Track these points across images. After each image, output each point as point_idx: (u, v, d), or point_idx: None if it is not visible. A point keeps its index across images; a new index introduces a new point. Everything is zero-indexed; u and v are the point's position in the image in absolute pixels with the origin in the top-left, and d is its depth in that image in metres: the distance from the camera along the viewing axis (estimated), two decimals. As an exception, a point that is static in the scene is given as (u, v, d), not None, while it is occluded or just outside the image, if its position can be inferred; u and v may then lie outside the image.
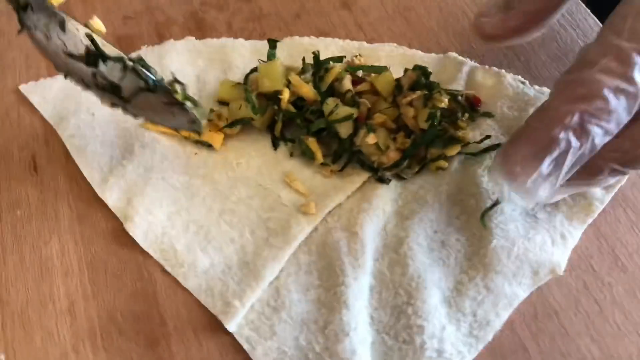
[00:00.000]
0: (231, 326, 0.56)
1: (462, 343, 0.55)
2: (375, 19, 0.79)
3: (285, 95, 0.64)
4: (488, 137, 0.66)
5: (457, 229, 0.61)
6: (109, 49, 0.58)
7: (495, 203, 0.61)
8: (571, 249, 0.60)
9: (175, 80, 0.58)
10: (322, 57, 0.69)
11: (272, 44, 0.70)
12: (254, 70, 0.70)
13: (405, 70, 0.67)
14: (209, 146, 0.67)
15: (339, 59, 0.68)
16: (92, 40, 0.57)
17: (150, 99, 0.58)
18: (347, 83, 0.65)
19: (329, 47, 0.75)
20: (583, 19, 0.79)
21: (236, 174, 0.65)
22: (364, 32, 0.77)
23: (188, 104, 0.58)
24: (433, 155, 0.64)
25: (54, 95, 0.71)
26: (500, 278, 0.58)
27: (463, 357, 0.54)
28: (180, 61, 0.73)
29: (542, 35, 0.75)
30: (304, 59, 0.69)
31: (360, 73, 0.68)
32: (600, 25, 0.78)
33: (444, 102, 0.63)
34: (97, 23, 0.59)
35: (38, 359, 0.55)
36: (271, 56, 0.69)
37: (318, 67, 0.67)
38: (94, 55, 0.57)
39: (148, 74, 0.57)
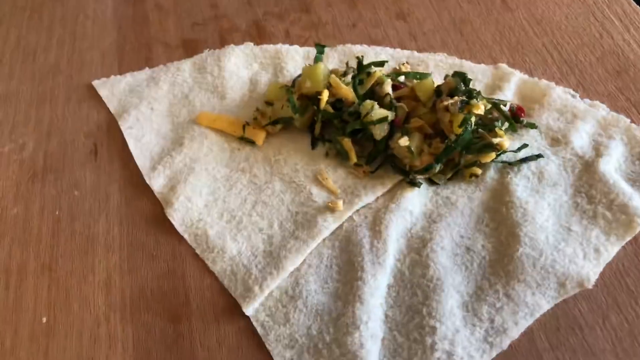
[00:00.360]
0: (249, 310, 0.58)
1: (474, 348, 0.54)
2: (429, 30, 0.80)
3: (325, 95, 0.66)
4: (525, 146, 0.65)
5: (485, 236, 0.61)
6: None
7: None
8: (605, 264, 0.58)
9: None
10: (377, 62, 0.71)
11: (320, 48, 0.73)
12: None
13: (446, 76, 0.68)
14: (251, 142, 0.70)
15: (381, 64, 0.70)
16: None
17: None
18: (386, 87, 0.67)
19: (379, 55, 0.77)
20: (651, 36, 0.76)
21: (273, 170, 0.68)
22: (417, 42, 0.79)
23: None
24: (467, 162, 0.64)
25: (121, 90, 0.78)
26: (523, 287, 0.56)
27: (473, 362, 0.53)
28: (236, 64, 0.78)
29: (602, 49, 0.73)
30: (347, 63, 0.72)
31: (402, 78, 0.69)
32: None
33: (480, 108, 0.63)
34: None
35: (74, 323, 0.60)
36: (318, 59, 0.72)
37: (360, 70, 0.69)
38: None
39: None
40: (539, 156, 0.65)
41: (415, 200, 0.64)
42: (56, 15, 0.90)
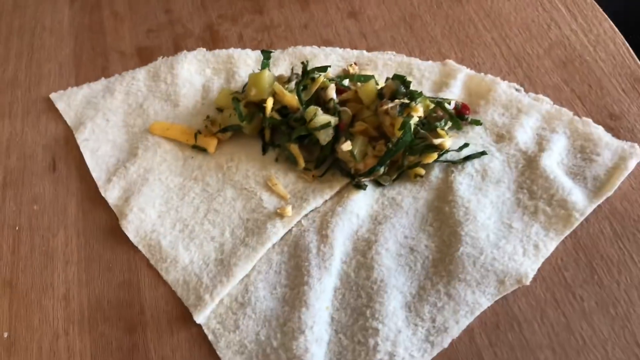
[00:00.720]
0: (199, 318, 0.60)
1: (416, 348, 0.56)
2: (380, 27, 0.81)
3: (269, 103, 0.68)
4: (466, 145, 0.67)
5: (428, 236, 0.63)
6: None
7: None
8: (543, 259, 0.60)
9: None
10: (324, 65, 0.72)
11: (266, 54, 0.75)
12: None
13: (387, 79, 0.69)
14: (204, 150, 0.72)
15: (324, 69, 0.71)
16: None
17: None
18: (330, 92, 0.68)
19: (329, 56, 0.78)
20: (598, 24, 0.77)
21: (225, 177, 0.70)
22: (368, 40, 0.80)
23: None
24: (410, 163, 0.66)
25: (78, 103, 0.79)
26: (464, 286, 0.58)
27: (415, 362, 0.56)
28: (189, 70, 0.79)
29: (549, 40, 0.74)
30: (292, 69, 0.73)
31: (346, 82, 0.71)
32: (617, 31, 0.76)
33: (419, 111, 0.65)
34: None
35: (34, 337, 0.62)
36: (264, 66, 0.74)
37: (304, 76, 0.70)
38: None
39: None
40: (482, 153, 0.66)
41: (362, 203, 0.66)
42: (14, 27, 0.91)
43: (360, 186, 0.66)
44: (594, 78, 0.72)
